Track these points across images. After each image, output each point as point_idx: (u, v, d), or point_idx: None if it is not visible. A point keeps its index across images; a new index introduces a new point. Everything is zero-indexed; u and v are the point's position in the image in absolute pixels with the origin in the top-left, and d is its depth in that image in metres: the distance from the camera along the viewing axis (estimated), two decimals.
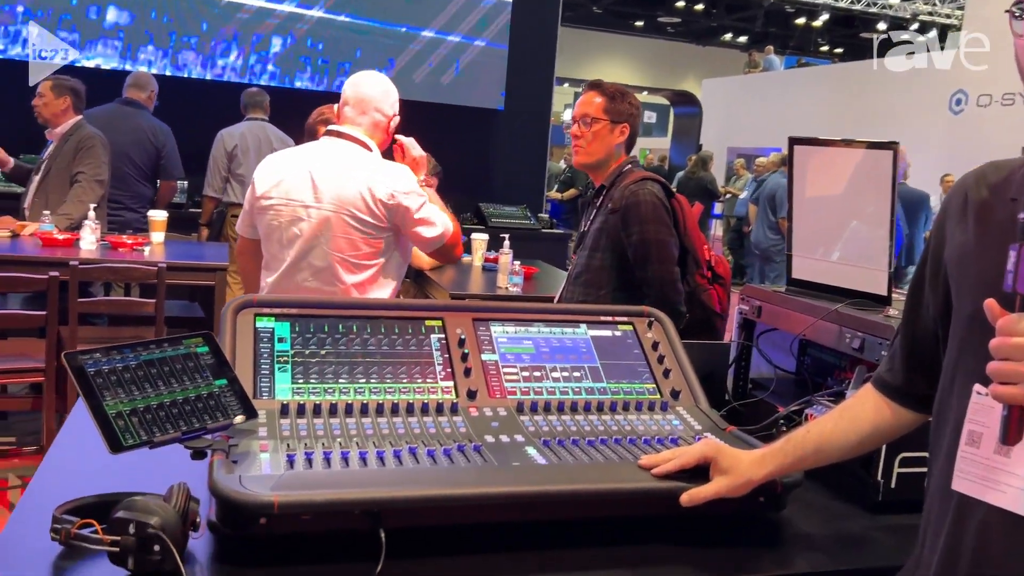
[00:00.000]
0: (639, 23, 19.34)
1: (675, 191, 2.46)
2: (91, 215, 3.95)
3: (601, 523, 1.22)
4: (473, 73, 7.30)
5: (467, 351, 1.48)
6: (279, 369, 1.38)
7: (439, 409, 1.37)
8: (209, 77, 6.60)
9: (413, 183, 2.51)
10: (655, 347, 1.60)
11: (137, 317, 3.89)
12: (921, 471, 1.39)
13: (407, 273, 4.07)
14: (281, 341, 1.42)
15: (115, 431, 1.11)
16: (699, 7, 18.22)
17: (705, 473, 1.20)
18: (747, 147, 14.57)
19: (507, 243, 3.93)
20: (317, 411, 1.31)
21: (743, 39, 19.98)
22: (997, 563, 0.92)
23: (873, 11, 16.65)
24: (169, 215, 4.50)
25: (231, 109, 5.48)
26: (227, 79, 6.58)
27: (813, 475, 1.33)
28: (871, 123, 12.37)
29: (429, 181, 2.71)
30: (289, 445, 1.21)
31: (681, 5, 18.07)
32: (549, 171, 9.19)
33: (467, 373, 1.45)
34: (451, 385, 1.43)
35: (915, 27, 16.53)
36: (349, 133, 2.52)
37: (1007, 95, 10.48)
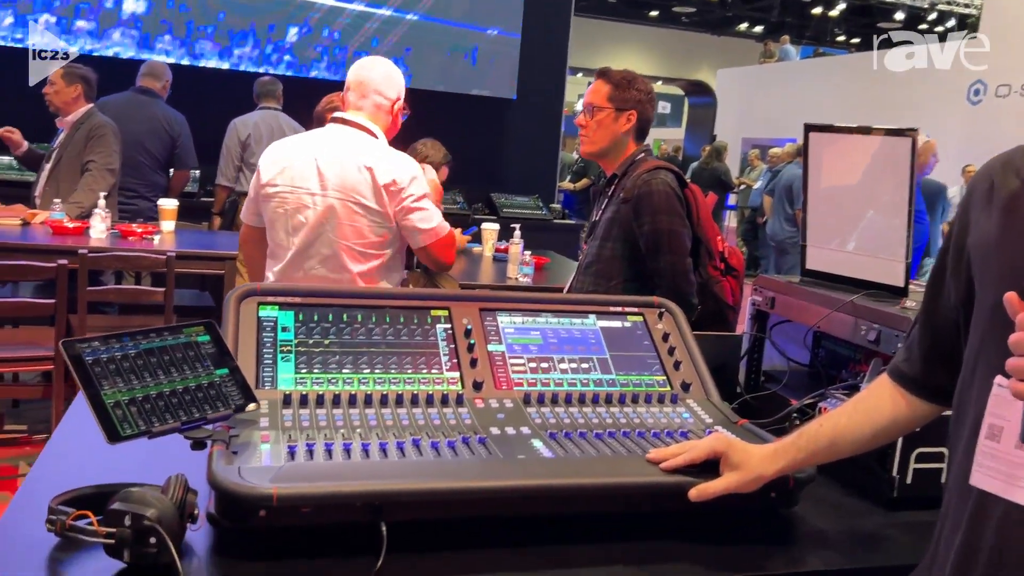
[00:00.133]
0: (654, 12, 19.17)
1: (689, 181, 2.43)
2: (101, 203, 3.95)
3: (608, 518, 1.20)
4: (486, 62, 7.25)
5: (473, 341, 1.46)
6: (282, 359, 1.36)
7: (444, 400, 1.35)
8: (226, 66, 6.59)
9: (416, 171, 2.48)
10: (666, 338, 1.57)
11: (147, 306, 3.89)
12: (938, 467, 1.36)
13: (417, 263, 4.06)
14: (284, 330, 1.41)
15: (113, 421, 1.09)
16: None
17: (715, 468, 1.18)
18: (762, 138, 14.43)
19: (518, 233, 3.90)
20: (320, 401, 1.29)
21: (759, 29, 19.78)
22: (1017, 562, 0.88)
23: (890, 0, 16.44)
24: (181, 204, 4.49)
25: (247, 98, 5.47)
26: (243, 68, 6.56)
27: (826, 470, 1.30)
28: (888, 114, 12.21)
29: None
30: (291, 436, 1.19)
31: None
32: (562, 161, 9.14)
33: (473, 364, 1.43)
34: (457, 376, 1.41)
35: (933, 17, 16.33)
36: (354, 120, 2.52)
37: None
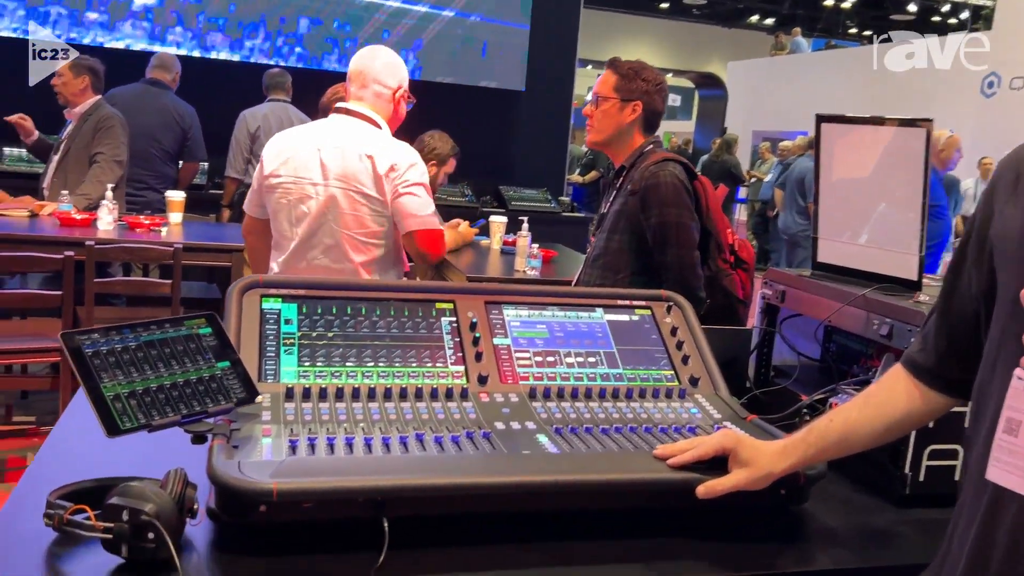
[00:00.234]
0: (664, 4, 19.08)
1: (699, 173, 2.39)
2: (109, 195, 3.95)
3: (613, 515, 1.18)
4: (495, 54, 7.22)
5: (479, 335, 1.44)
6: (285, 352, 1.35)
7: (448, 394, 1.33)
8: (237, 58, 6.58)
9: (415, 159, 2.48)
10: (674, 332, 1.55)
11: (154, 298, 3.89)
12: (951, 464, 1.34)
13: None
14: (288, 323, 1.39)
15: (112, 414, 1.08)
16: None
17: (723, 464, 1.16)
18: (773, 131, 14.35)
19: (525, 226, 3.87)
20: (323, 395, 1.28)
21: (770, 21, 19.66)
22: None
23: None
24: (190, 196, 4.49)
25: (257, 90, 5.46)
26: (255, 60, 6.54)
27: (837, 467, 1.28)
28: (901, 107, 12.10)
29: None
30: (292, 430, 1.17)
31: None
32: (571, 154, 9.09)
33: (478, 358, 1.41)
34: (462, 370, 1.39)
35: (946, 8, 16.17)
36: (356, 110, 2.51)
37: None
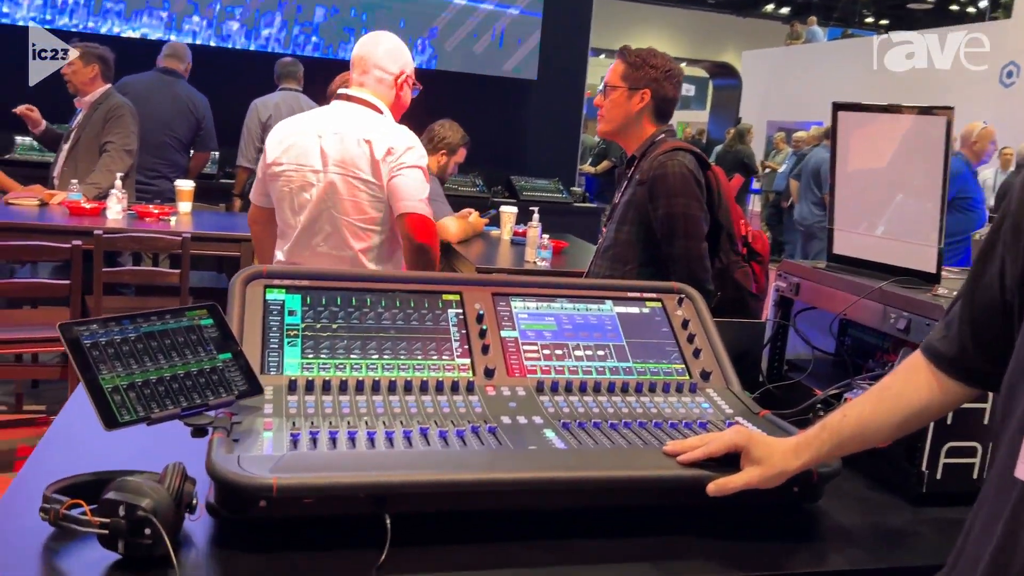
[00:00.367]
0: None
1: (712, 164, 2.35)
2: (118, 184, 3.95)
3: (622, 512, 1.15)
4: (508, 42, 7.16)
5: (485, 327, 1.41)
6: (288, 343, 1.32)
7: (454, 388, 1.31)
8: (253, 48, 6.55)
9: (415, 143, 2.45)
10: (685, 325, 1.52)
11: (164, 287, 3.88)
12: (969, 462, 1.30)
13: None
14: (291, 314, 1.37)
15: (111, 407, 1.06)
16: None
17: (735, 460, 1.12)
18: (788, 121, 14.24)
19: (536, 216, 3.83)
20: (327, 388, 1.26)
21: (785, 10, 19.48)
22: None
23: None
24: (200, 185, 4.48)
25: (272, 80, 5.44)
26: (271, 50, 6.51)
27: (851, 463, 1.25)
28: (918, 98, 11.98)
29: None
30: (295, 423, 1.15)
31: None
32: (583, 144, 9.03)
33: (485, 350, 1.38)
34: (468, 363, 1.36)
35: None
36: (357, 95, 2.49)
37: None
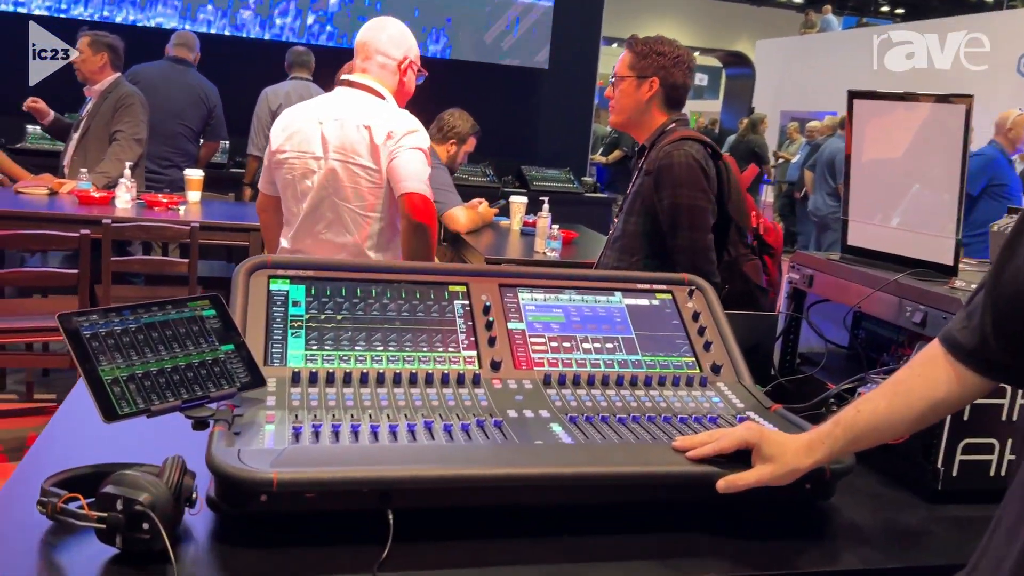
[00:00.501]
0: None
1: (724, 154, 2.31)
2: (127, 173, 3.94)
3: (629, 508, 1.13)
4: (518, 32, 7.12)
5: (492, 319, 1.39)
6: (292, 335, 1.31)
7: (460, 380, 1.29)
8: (267, 37, 6.54)
9: (416, 126, 2.43)
10: (695, 318, 1.49)
11: (173, 277, 3.88)
12: (987, 459, 1.27)
13: (444, 236, 3.98)
14: (295, 305, 1.35)
15: (110, 399, 1.05)
16: None
17: (746, 457, 1.10)
18: (801, 111, 14.10)
19: (546, 206, 3.80)
20: (330, 380, 1.24)
21: None
22: None
23: None
24: (210, 174, 4.47)
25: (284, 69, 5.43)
26: (285, 39, 6.51)
27: (865, 460, 1.22)
28: (934, 87, 11.86)
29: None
30: (297, 416, 1.13)
31: None
32: (595, 134, 8.97)
33: (491, 342, 1.36)
34: (474, 355, 1.34)
35: None
36: (360, 82, 2.47)
37: None
